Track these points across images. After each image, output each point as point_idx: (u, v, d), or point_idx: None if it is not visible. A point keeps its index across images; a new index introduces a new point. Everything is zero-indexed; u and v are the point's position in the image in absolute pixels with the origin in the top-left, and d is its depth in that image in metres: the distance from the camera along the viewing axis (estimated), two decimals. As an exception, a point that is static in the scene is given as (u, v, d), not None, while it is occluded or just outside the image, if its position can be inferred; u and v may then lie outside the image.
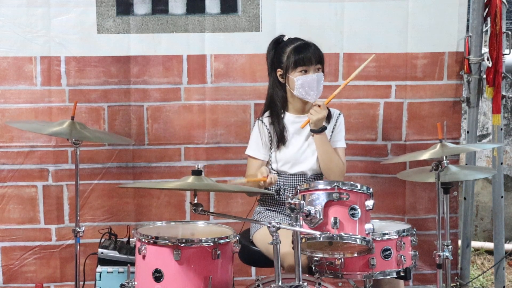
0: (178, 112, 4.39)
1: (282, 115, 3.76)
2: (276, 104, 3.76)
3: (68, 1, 4.25)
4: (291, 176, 3.72)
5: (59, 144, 4.33)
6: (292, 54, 3.67)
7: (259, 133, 3.76)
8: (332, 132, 3.79)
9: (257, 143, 3.76)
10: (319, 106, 3.67)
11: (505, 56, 4.38)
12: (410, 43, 4.40)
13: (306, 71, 3.66)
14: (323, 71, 3.73)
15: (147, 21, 4.31)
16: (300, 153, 3.72)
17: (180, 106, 4.39)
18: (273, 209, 3.77)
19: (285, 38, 3.77)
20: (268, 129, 3.74)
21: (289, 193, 3.68)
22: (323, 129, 3.69)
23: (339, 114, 3.84)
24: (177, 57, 4.36)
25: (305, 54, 3.66)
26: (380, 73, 4.43)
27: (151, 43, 4.33)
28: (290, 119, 3.76)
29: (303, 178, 3.72)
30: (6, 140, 4.33)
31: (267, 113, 3.79)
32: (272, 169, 3.74)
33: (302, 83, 3.66)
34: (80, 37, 4.29)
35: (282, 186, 3.73)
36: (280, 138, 3.72)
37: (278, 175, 3.72)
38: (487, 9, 4.35)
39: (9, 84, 4.31)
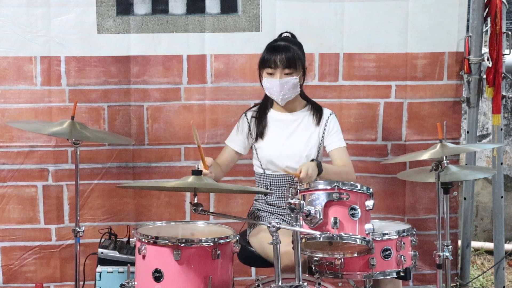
0: (178, 112, 4.39)
1: (267, 111, 3.78)
2: (266, 101, 3.81)
3: (68, 1, 4.25)
4: (276, 176, 3.72)
5: (59, 144, 4.33)
6: (263, 54, 3.70)
7: (237, 124, 3.82)
8: (323, 136, 3.77)
9: (234, 133, 3.82)
10: (299, 181, 3.44)
11: (505, 56, 4.38)
12: (410, 43, 4.40)
13: (272, 74, 3.66)
14: (303, 75, 3.69)
15: (147, 21, 4.31)
16: (279, 151, 3.70)
17: (180, 106, 4.39)
18: (263, 209, 3.77)
19: (281, 36, 3.79)
20: (248, 122, 3.77)
21: (276, 193, 3.68)
22: (319, 172, 3.54)
23: (330, 115, 3.79)
24: (177, 57, 4.36)
25: (272, 57, 3.65)
26: (380, 73, 4.43)
27: (151, 43, 4.33)
28: (273, 115, 3.78)
29: (289, 178, 3.71)
30: (6, 140, 4.33)
31: (254, 108, 3.83)
32: (261, 167, 3.75)
33: (266, 86, 3.69)
34: (80, 37, 4.29)
35: (268, 186, 3.73)
36: (259, 132, 3.75)
37: (264, 174, 3.74)
38: (487, 9, 4.36)
39: (9, 84, 4.31)
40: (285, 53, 3.64)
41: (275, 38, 3.83)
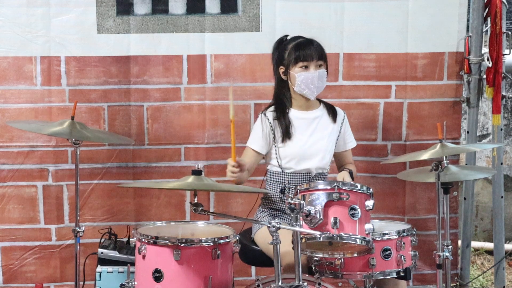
0: (178, 112, 4.39)
1: (288, 111, 3.77)
2: (282, 102, 3.78)
3: (68, 1, 4.25)
4: (296, 173, 3.72)
5: (59, 144, 4.33)
6: (293, 51, 3.69)
7: (261, 126, 3.76)
8: (340, 134, 3.83)
9: (257, 135, 3.76)
10: None
11: (505, 56, 4.38)
12: (410, 43, 4.40)
13: (306, 67, 3.67)
14: (326, 69, 3.73)
15: (147, 21, 4.31)
16: (305, 149, 3.72)
17: (180, 106, 4.39)
18: (275, 208, 3.76)
19: (289, 37, 3.79)
20: (271, 124, 3.74)
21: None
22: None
23: (344, 115, 3.88)
24: (177, 57, 4.36)
25: (306, 50, 3.67)
26: (380, 73, 4.43)
27: (151, 43, 4.33)
28: (295, 114, 3.77)
29: (308, 176, 3.72)
30: (6, 140, 4.33)
31: (271, 108, 3.79)
32: (280, 166, 3.73)
33: (303, 79, 3.67)
34: (80, 37, 4.29)
35: (286, 185, 3.72)
36: (285, 133, 3.72)
37: (282, 172, 3.72)
38: (487, 9, 4.36)
39: (9, 84, 4.31)
40: (315, 45, 3.71)
41: (280, 38, 3.80)
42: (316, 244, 3.30)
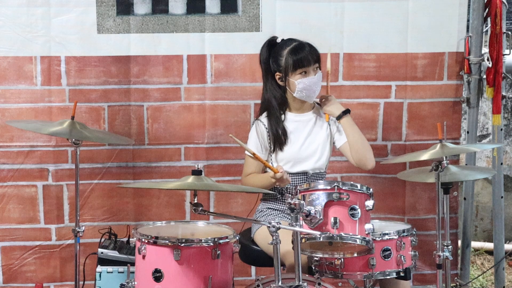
0: (178, 112, 4.39)
1: (282, 117, 3.75)
2: (273, 106, 3.75)
3: (68, 1, 4.26)
4: (292, 175, 3.72)
5: (59, 144, 4.33)
6: (289, 57, 3.64)
7: (257, 134, 3.75)
8: (334, 130, 3.80)
9: (256, 143, 3.74)
10: (323, 99, 3.74)
11: (505, 56, 4.38)
12: (410, 43, 4.40)
13: (305, 72, 3.65)
14: (320, 68, 3.73)
15: (147, 21, 4.32)
16: (301, 152, 3.72)
17: (180, 106, 4.39)
18: (275, 207, 3.76)
19: (278, 40, 3.75)
20: (267, 129, 3.73)
21: (291, 192, 3.68)
22: (346, 111, 3.72)
23: None
24: (177, 57, 4.36)
25: (302, 55, 3.63)
26: (380, 73, 4.43)
27: (151, 43, 4.33)
28: (290, 117, 3.76)
29: (305, 176, 3.72)
30: (6, 140, 4.33)
31: (265, 114, 3.78)
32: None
33: (304, 86, 3.65)
34: (80, 37, 4.29)
35: (284, 186, 3.72)
36: (280, 141, 3.70)
37: None
38: (487, 9, 4.36)
39: (9, 84, 4.31)
40: (309, 48, 3.66)
41: (269, 41, 3.75)
42: (316, 244, 3.30)
